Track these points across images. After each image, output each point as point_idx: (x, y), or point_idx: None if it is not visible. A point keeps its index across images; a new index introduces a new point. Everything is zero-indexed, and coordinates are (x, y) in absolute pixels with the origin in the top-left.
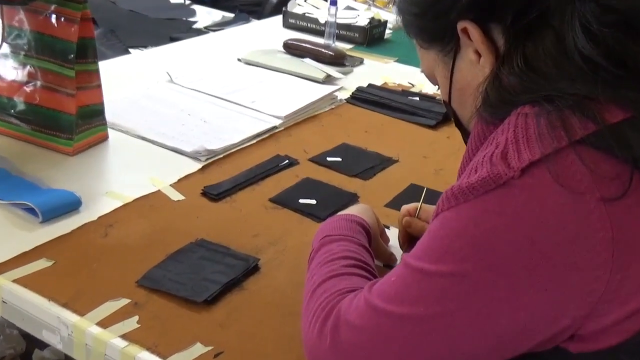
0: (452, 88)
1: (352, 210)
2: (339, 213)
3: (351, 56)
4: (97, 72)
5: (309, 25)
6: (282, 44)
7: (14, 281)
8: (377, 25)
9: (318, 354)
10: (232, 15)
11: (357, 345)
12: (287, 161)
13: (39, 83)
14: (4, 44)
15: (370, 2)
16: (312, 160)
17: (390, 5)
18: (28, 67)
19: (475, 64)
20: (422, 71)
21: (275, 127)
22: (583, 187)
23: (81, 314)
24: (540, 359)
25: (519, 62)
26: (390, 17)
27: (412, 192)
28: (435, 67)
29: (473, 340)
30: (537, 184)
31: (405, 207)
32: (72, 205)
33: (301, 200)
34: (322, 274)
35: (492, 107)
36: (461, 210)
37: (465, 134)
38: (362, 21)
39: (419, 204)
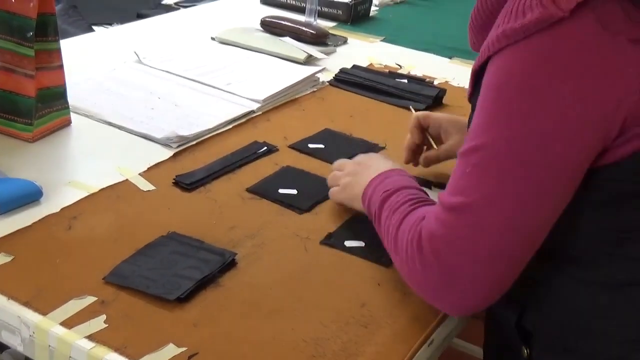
0: None
1: (374, 163)
2: (375, 175)
3: (334, 35)
4: (58, 51)
5: (288, 1)
6: (259, 22)
7: None
8: (362, 2)
9: (435, 285)
10: None
11: (460, 251)
12: (265, 148)
13: None
14: None
15: None
16: (292, 147)
17: None
18: None
19: None
20: None
21: (252, 112)
22: (619, 28)
23: (43, 313)
24: None
25: None
26: None
27: None
28: None
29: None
30: (584, 25)
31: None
32: (32, 196)
33: (281, 190)
34: (395, 222)
35: None
36: (514, 52)
37: None
38: None
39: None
